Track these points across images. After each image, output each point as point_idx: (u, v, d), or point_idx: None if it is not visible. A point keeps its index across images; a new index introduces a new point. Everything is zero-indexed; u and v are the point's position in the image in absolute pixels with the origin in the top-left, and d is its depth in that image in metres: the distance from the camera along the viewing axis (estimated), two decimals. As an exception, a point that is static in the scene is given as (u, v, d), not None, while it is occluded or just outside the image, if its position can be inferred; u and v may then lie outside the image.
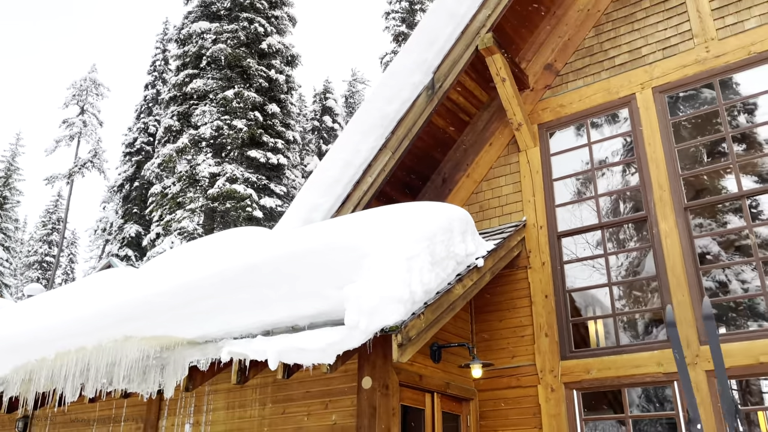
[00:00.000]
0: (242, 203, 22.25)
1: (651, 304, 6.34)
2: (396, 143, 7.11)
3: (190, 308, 5.92)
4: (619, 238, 6.64)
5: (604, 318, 6.58)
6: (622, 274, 6.62)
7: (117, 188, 42.82)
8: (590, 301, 7.14)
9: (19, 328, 7.45)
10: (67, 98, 39.08)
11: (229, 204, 22.32)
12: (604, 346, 6.48)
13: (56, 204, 58.18)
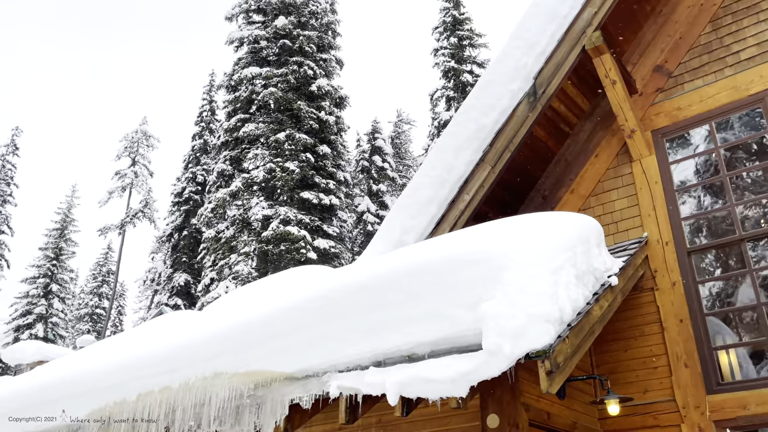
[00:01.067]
0: (296, 245, 21.88)
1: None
2: (495, 157, 6.52)
3: (286, 339, 5.34)
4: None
5: (753, 343, 5.73)
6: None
7: (166, 238, 43.26)
8: (717, 329, 6.30)
9: (94, 370, 6.98)
10: (119, 150, 40.06)
11: (284, 246, 21.98)
12: (743, 378, 5.63)
13: (106, 256, 59.22)
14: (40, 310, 29.08)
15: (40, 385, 7.64)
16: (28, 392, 7.77)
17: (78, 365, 7.55)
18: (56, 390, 7.29)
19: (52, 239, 36.33)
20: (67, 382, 7.25)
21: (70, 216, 38.69)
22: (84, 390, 6.82)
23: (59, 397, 7.18)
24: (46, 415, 7.43)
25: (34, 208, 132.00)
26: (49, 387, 7.46)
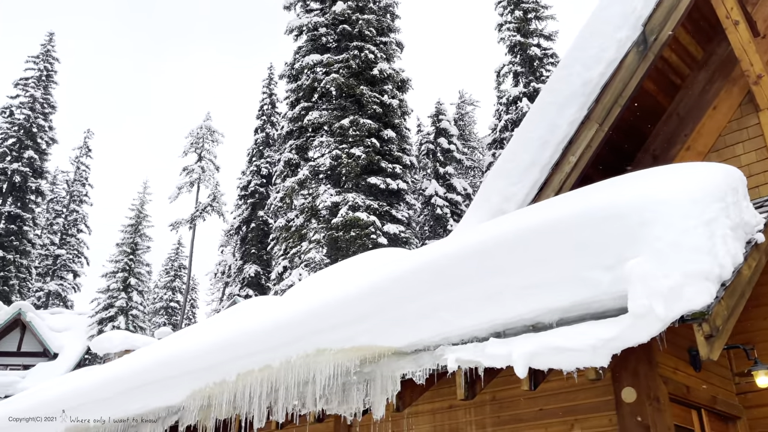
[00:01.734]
0: (366, 230, 21.69)
1: None
2: (602, 113, 6.01)
3: (393, 312, 5.03)
4: None
5: None
6: None
7: (234, 231, 44.05)
8: None
9: (191, 352, 6.90)
10: (185, 147, 40.99)
11: (353, 232, 21.84)
12: None
13: (177, 251, 61.05)
14: (120, 303, 30.18)
15: (140, 369, 7.66)
16: (127, 376, 7.81)
17: (173, 348, 7.51)
18: (154, 373, 7.27)
19: (128, 235, 37.62)
20: (165, 365, 7.21)
21: (143, 212, 39.95)
22: (182, 371, 6.74)
23: (158, 379, 7.14)
24: (137, 402, 7.45)
25: (108, 207, 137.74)
26: (147, 371, 7.45)
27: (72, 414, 8.54)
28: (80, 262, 52.59)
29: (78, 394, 8.67)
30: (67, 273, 51.37)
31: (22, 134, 41.62)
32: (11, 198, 41.14)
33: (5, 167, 40.51)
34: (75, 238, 52.60)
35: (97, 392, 8.07)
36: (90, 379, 8.84)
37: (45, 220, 50.53)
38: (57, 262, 51.05)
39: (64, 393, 9.16)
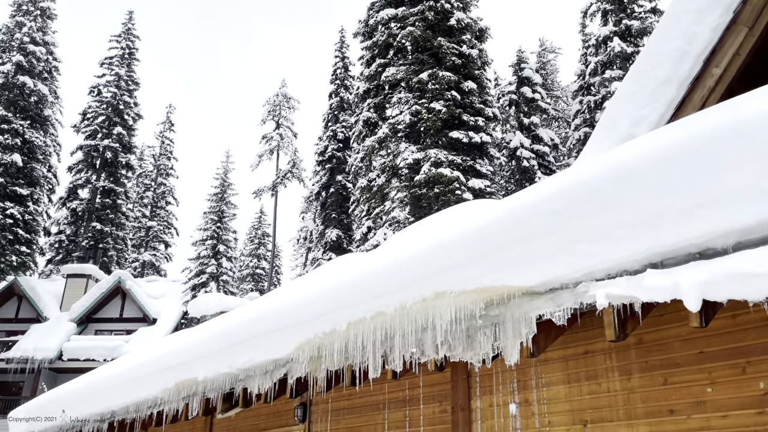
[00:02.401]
0: (450, 186, 21.10)
1: None
2: (752, 15, 5.15)
3: (519, 249, 4.51)
4: None
5: None
6: None
7: (314, 197, 44.44)
8: None
9: (296, 303, 6.67)
10: (263, 115, 41.45)
11: (437, 189, 21.30)
12: None
13: (260, 220, 62.56)
14: (211, 269, 31.19)
15: (244, 323, 7.54)
16: (232, 331, 7.72)
17: (277, 302, 7.31)
18: (260, 326, 7.10)
19: (214, 203, 38.68)
20: (270, 318, 7.03)
21: (227, 180, 40.91)
22: (289, 324, 6.52)
23: (263, 332, 6.97)
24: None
25: (193, 179, 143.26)
26: (253, 324, 7.31)
27: (180, 369, 8.61)
28: (170, 233, 54.91)
29: (185, 350, 8.72)
30: (159, 244, 53.79)
31: (110, 111, 43.30)
32: (104, 173, 43.09)
33: (97, 144, 42.36)
34: (164, 210, 54.85)
35: (203, 347, 8.04)
36: (196, 335, 8.87)
37: (136, 194, 52.87)
38: (149, 234, 53.49)
39: (172, 349, 9.26)
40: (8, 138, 30.07)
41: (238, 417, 8.85)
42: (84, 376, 13.21)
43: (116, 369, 11.38)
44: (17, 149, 30.54)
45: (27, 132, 31.15)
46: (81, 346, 28.25)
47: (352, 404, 6.92)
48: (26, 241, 30.99)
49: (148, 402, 9.44)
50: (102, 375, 11.85)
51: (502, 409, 5.32)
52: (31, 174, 31.31)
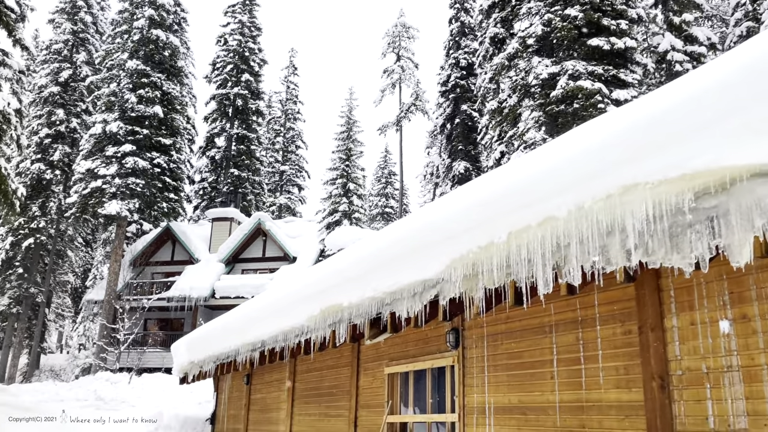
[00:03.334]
0: (591, 100, 19.24)
1: None
2: None
3: (740, 117, 3.43)
4: None
5: None
6: None
7: (438, 129, 43.38)
8: None
9: (444, 217, 5.98)
10: (383, 48, 40.61)
11: (576, 104, 19.52)
12: None
13: (385, 159, 62.70)
14: (343, 207, 31.56)
15: (387, 245, 7.02)
16: (375, 254, 7.24)
17: (420, 220, 6.67)
18: (404, 245, 6.52)
19: (341, 142, 38.93)
20: (415, 237, 6.41)
21: (352, 118, 40.91)
22: (436, 240, 5.84)
23: (408, 251, 6.37)
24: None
25: (319, 120, 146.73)
26: (396, 244, 6.74)
27: (324, 296, 8.36)
28: (302, 176, 56.57)
29: (328, 277, 8.43)
30: (293, 187, 55.69)
31: (237, 59, 44.52)
32: (237, 121, 44.77)
33: (228, 92, 43.91)
34: (294, 154, 56.46)
35: (346, 273, 7.66)
36: (338, 262, 8.55)
37: (267, 140, 54.76)
38: (283, 178, 55.47)
39: (316, 278, 9.04)
40: (148, 91, 31.72)
41: (386, 344, 8.51)
42: (234, 309, 13.65)
43: (263, 301, 11.50)
44: (158, 101, 32.19)
45: (164, 84, 32.68)
46: (230, 285, 30.00)
47: (511, 327, 6.19)
48: (174, 189, 33.05)
49: (296, 330, 9.35)
50: (251, 307, 12.08)
51: (708, 328, 4.31)
52: (171, 124, 33.02)
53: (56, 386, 27.49)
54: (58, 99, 35.48)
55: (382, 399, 8.46)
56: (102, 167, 30.61)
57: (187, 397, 22.34)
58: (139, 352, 28.88)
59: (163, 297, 30.54)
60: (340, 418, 9.49)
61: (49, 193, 35.01)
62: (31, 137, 35.14)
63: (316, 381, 10.56)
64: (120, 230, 31.74)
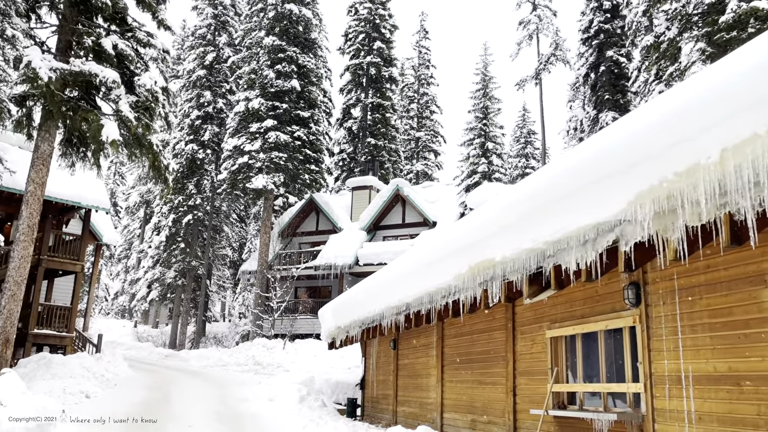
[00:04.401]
0: (771, 22, 16.37)
1: None
2: None
3: None
4: None
5: None
6: None
7: (582, 80, 40.34)
8: None
9: (620, 143, 4.85)
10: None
11: (751, 29, 16.72)
12: None
13: (523, 118, 59.92)
14: (482, 168, 30.33)
15: (544, 184, 6.01)
16: (530, 195, 6.25)
17: (589, 149, 5.56)
18: (570, 182, 5.47)
19: (477, 100, 37.38)
20: (585, 169, 5.33)
21: (488, 74, 39.13)
22: (617, 169, 4.74)
23: (576, 189, 5.32)
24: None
25: (452, 83, 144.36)
26: (558, 179, 5.71)
27: (473, 251, 7.51)
28: (438, 141, 55.68)
29: (475, 230, 7.56)
30: (429, 153, 55.03)
31: (368, 27, 44.29)
32: (371, 90, 44.71)
33: (361, 62, 43.90)
34: (429, 119, 55.63)
35: (498, 220, 6.73)
36: (485, 213, 7.65)
37: (401, 108, 54.40)
38: (418, 144, 54.96)
39: (461, 232, 8.21)
40: (285, 66, 32.32)
41: (546, 304, 7.49)
42: (376, 273, 13.23)
43: (406, 261, 10.89)
44: (294, 75, 32.74)
45: (300, 57, 33.13)
46: (372, 252, 30.11)
47: (713, 278, 4.92)
48: (314, 160, 33.68)
49: (442, 291, 8.60)
50: (393, 269, 11.54)
51: None
52: (308, 97, 33.50)
53: (219, 352, 29.38)
54: (205, 81, 37.37)
55: (543, 366, 7.49)
56: (247, 143, 31.82)
57: (337, 362, 22.71)
58: (291, 319, 29.99)
59: (310, 266, 31.40)
60: (496, 386, 8.66)
61: (203, 172, 37.21)
62: (183, 120, 37.41)
63: (467, 346, 9.79)
64: (267, 203, 32.97)
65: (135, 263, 54.74)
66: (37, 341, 20.85)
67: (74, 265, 21.70)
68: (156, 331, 43.52)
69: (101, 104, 17.41)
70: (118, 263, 64.01)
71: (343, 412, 15.19)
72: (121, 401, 14.93)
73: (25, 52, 15.09)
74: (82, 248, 22.24)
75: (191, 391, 17.43)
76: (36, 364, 17.23)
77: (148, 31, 17.48)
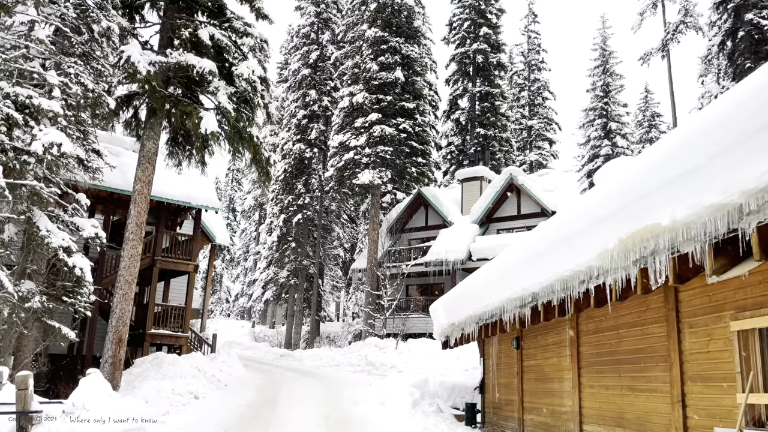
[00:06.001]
0: None
1: None
2: None
3: None
4: None
5: None
6: None
7: (717, 49, 36.15)
8: None
9: None
10: (638, -35, 34.71)
11: None
12: None
13: (646, 99, 55.24)
14: (605, 151, 27.62)
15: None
16: (724, 118, 4.50)
17: None
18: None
19: (597, 77, 34.39)
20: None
21: (607, 48, 35.91)
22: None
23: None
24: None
25: (565, 67, 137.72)
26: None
27: (624, 218, 5.78)
28: (552, 128, 52.58)
29: (632, 183, 5.85)
30: (543, 142, 52.07)
31: (473, 14, 42.43)
32: (479, 78, 42.79)
33: (467, 50, 42.12)
34: (542, 106, 52.67)
35: (665, 168, 5.00)
36: (648, 157, 5.90)
37: (511, 96, 51.87)
38: (531, 134, 52.17)
39: (611, 191, 6.50)
40: (388, 57, 31.29)
41: (729, 286, 5.59)
42: (492, 260, 11.62)
43: (528, 241, 9.23)
44: (398, 65, 31.65)
45: (403, 48, 31.98)
46: (486, 246, 28.28)
47: None
48: (421, 153, 32.34)
49: (580, 275, 6.86)
50: (513, 255, 9.90)
51: None
52: (413, 87, 32.27)
53: (332, 352, 28.81)
54: (310, 80, 37.24)
55: (726, 369, 5.60)
56: (352, 139, 31.12)
57: (453, 363, 21.19)
58: (403, 317, 28.85)
59: (420, 262, 30.13)
60: (656, 394, 6.81)
61: (311, 171, 37.09)
62: (290, 120, 37.51)
63: (611, 344, 7.97)
64: (375, 199, 32.11)
65: (252, 265, 56.23)
66: (155, 341, 21.06)
67: (187, 265, 21.78)
68: (272, 331, 44.14)
69: (203, 100, 17.14)
70: (238, 266, 66.28)
71: (461, 419, 13.68)
72: (228, 403, 14.35)
73: (125, 48, 14.95)
74: (194, 248, 22.31)
75: (301, 393, 16.65)
76: (150, 364, 17.18)
77: (245, 21, 16.95)
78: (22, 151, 10.78)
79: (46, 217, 11.53)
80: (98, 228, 12.87)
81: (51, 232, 11.36)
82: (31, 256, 11.76)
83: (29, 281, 11.57)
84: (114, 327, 15.25)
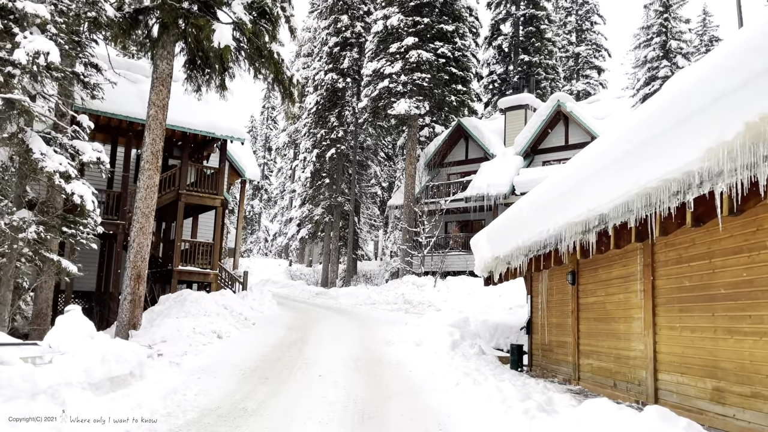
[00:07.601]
0: None
1: None
2: None
3: None
4: None
5: None
6: None
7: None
8: None
9: None
10: None
11: None
12: None
13: (703, 23, 50.94)
14: (664, 72, 25.08)
15: None
16: None
17: None
18: None
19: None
20: None
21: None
22: None
23: None
24: None
25: None
26: None
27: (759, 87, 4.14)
28: (601, 56, 49.16)
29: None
30: (591, 70, 48.79)
31: (516, -71, 39.00)
32: (523, 1, 39.72)
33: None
34: (590, 31, 49.10)
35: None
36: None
37: (558, 21, 48.43)
38: (578, 62, 48.89)
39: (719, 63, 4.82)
40: (424, -25, 28.81)
41: None
42: (547, 179, 9.98)
43: (595, 153, 7.54)
44: (435, -16, 29.18)
45: (440, -36, 29.38)
46: (531, 178, 26.41)
47: None
48: (461, 80, 30.14)
49: (672, 184, 5.25)
50: (572, 170, 8.25)
51: None
52: (452, 8, 29.81)
53: (368, 290, 27.78)
54: (342, 5, 34.98)
55: None
56: (387, 66, 29.12)
57: (495, 302, 19.84)
58: (442, 255, 27.50)
59: (460, 198, 28.50)
60: (766, 338, 5.25)
61: (344, 103, 35.29)
62: (321, 48, 35.53)
63: (701, 276, 6.36)
64: (411, 131, 30.32)
65: (288, 203, 55.47)
66: (182, 278, 20.25)
67: (213, 199, 20.67)
68: (309, 270, 43.55)
69: (221, 17, 15.56)
70: (275, 205, 65.75)
71: (505, 361, 12.37)
72: (253, 343, 13.33)
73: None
74: (220, 181, 21.14)
75: (332, 332, 15.58)
76: (173, 302, 16.30)
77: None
78: (5, 61, 9.45)
79: (40, 139, 10.31)
80: (101, 152, 11.62)
81: (46, 155, 10.15)
82: (28, 183, 10.62)
83: (26, 210, 10.48)
84: (132, 262, 14.25)
